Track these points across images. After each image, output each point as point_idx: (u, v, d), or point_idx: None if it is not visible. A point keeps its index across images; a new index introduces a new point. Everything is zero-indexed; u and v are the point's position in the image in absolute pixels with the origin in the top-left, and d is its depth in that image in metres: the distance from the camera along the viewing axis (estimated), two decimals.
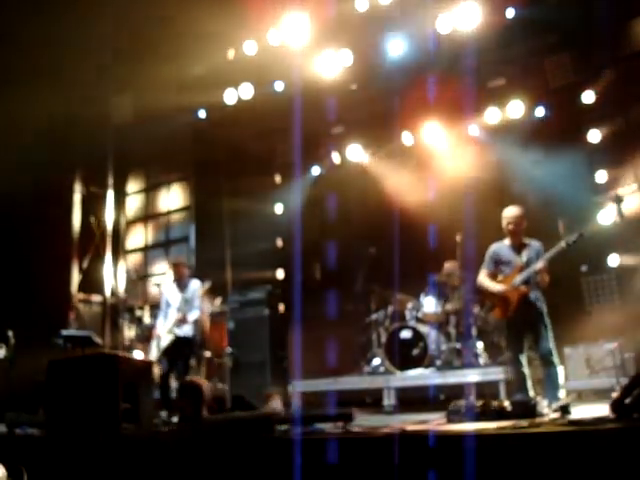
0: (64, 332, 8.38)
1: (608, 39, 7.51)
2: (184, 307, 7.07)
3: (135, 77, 9.69)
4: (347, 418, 4.64)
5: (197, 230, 11.01)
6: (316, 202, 9.03)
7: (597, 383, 6.30)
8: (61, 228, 10.96)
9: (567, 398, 5.35)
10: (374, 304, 7.92)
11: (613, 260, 7.43)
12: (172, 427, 5.66)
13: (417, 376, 6.96)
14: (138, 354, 8.25)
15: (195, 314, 7.16)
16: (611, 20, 7.28)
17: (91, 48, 8.99)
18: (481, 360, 6.91)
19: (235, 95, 9.30)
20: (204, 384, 4.76)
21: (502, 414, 4.54)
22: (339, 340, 7.88)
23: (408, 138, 8.87)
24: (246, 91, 9.25)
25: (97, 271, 11.40)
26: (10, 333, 7.86)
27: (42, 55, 8.65)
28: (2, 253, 9.76)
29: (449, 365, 6.96)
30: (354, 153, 9.32)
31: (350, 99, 8.90)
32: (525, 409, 4.57)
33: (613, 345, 6.33)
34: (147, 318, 9.52)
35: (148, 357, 7.26)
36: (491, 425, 4.16)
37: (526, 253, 5.58)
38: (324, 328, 8.00)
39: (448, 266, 7.36)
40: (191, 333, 7.19)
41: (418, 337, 7.16)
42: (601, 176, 7.71)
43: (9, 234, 9.98)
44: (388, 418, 6.06)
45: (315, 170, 9.67)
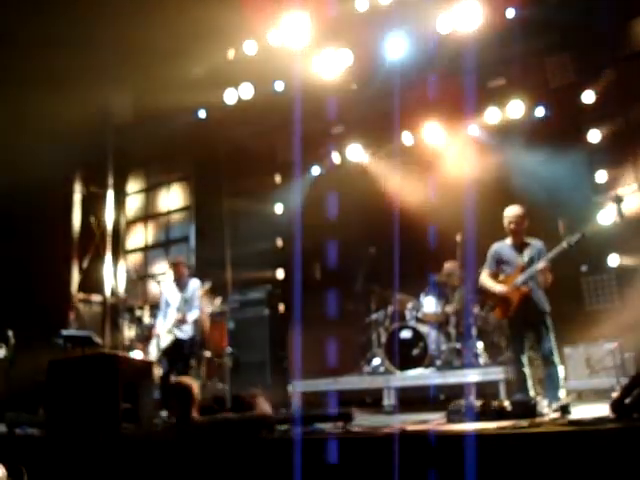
0: (64, 332, 8.36)
1: (608, 39, 7.53)
2: (184, 307, 7.07)
3: (135, 77, 9.69)
4: (347, 418, 4.65)
5: (197, 230, 11.01)
6: (316, 202, 9.01)
7: (597, 383, 6.30)
8: (61, 228, 10.98)
9: (567, 398, 5.34)
10: (374, 304, 7.92)
11: (613, 260, 7.42)
12: (158, 428, 5.64)
13: (417, 376, 6.96)
14: (138, 354, 8.24)
15: (195, 314, 7.16)
16: (611, 20, 7.29)
17: (91, 48, 8.97)
18: (481, 360, 6.90)
19: (235, 95, 9.30)
20: (194, 385, 4.71)
21: (502, 414, 4.55)
22: (339, 340, 7.88)
23: (408, 138, 8.86)
24: (246, 91, 9.24)
25: (97, 271, 11.41)
26: (10, 333, 7.86)
27: (42, 55, 8.63)
28: (2, 253, 9.75)
29: (449, 365, 6.96)
30: (354, 153, 9.31)
31: (350, 99, 8.88)
32: (525, 409, 4.57)
33: (613, 345, 6.34)
34: (147, 318, 9.51)
35: (148, 357, 7.26)
36: (491, 425, 4.17)
37: (528, 252, 5.58)
38: (324, 328, 7.99)
39: (448, 266, 7.36)
40: (191, 333, 7.19)
41: (418, 337, 7.16)
42: (601, 176, 7.70)
43: (9, 234, 9.98)
44: (388, 418, 6.05)
45: (315, 170, 9.65)
